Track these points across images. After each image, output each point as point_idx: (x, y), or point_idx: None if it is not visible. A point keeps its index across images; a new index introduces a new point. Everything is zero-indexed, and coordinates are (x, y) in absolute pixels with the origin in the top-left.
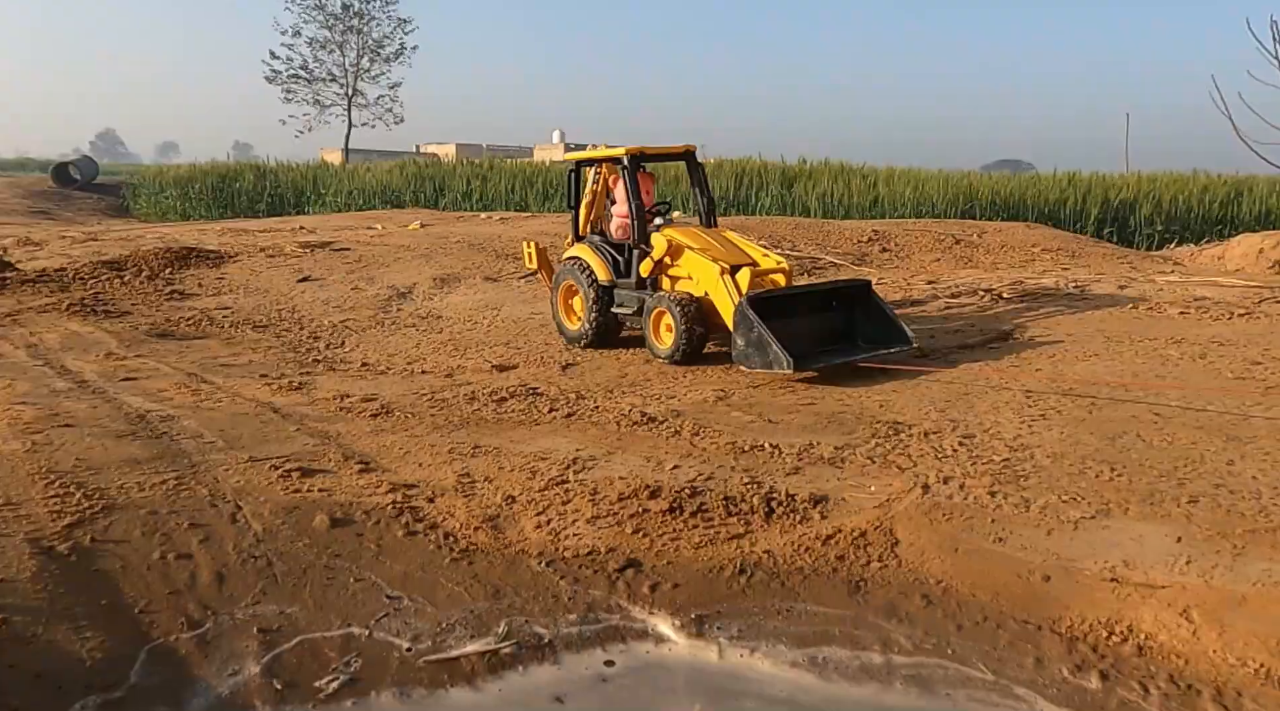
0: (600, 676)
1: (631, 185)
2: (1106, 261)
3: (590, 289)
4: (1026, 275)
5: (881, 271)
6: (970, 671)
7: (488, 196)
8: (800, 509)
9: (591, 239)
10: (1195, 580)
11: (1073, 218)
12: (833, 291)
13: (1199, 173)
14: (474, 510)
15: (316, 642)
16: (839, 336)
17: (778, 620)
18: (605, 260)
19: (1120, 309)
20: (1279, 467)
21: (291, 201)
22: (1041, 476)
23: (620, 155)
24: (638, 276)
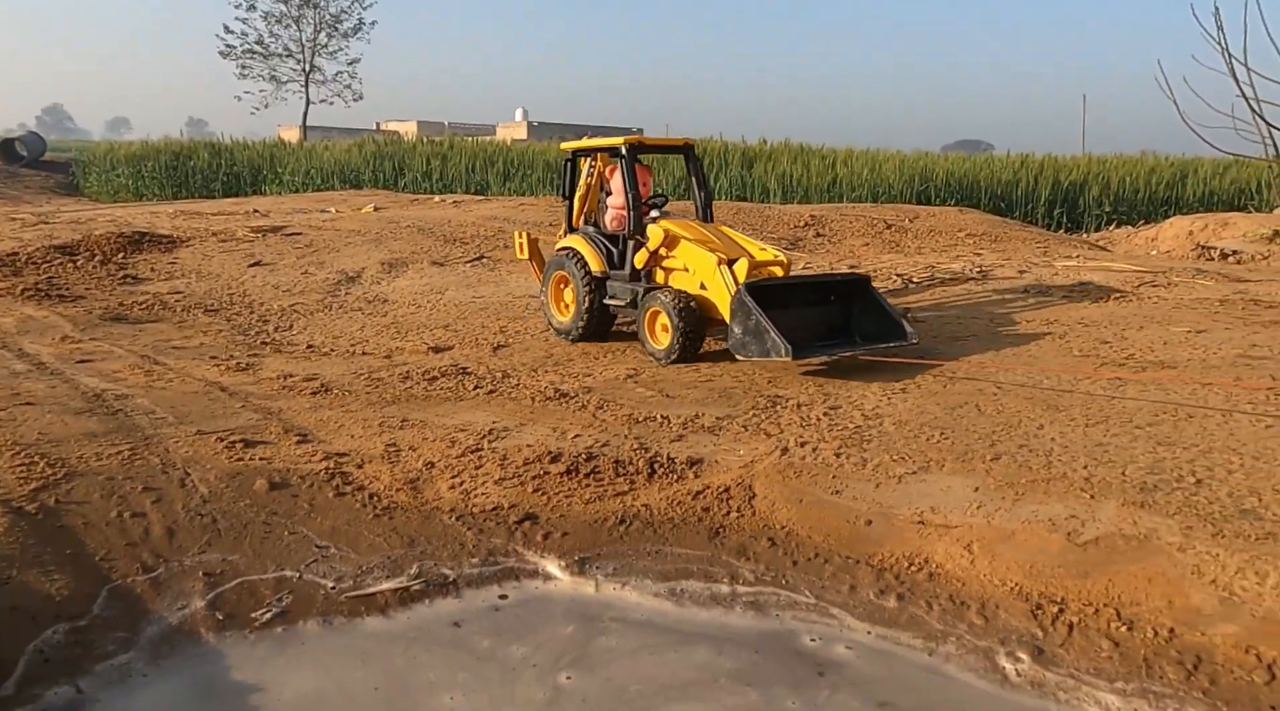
0: (494, 607)
1: (629, 176)
2: (1024, 245)
3: (583, 280)
4: (942, 260)
5: (812, 256)
6: (798, 597)
7: (448, 176)
8: (678, 469)
9: (585, 230)
10: (980, 521)
11: (1024, 199)
12: (830, 284)
13: (1146, 154)
14: (397, 474)
15: (254, 583)
16: (835, 330)
17: (647, 560)
18: (599, 251)
19: (1012, 293)
20: (1076, 430)
21: (248, 180)
22: (883, 440)
23: (619, 145)
24: (632, 268)
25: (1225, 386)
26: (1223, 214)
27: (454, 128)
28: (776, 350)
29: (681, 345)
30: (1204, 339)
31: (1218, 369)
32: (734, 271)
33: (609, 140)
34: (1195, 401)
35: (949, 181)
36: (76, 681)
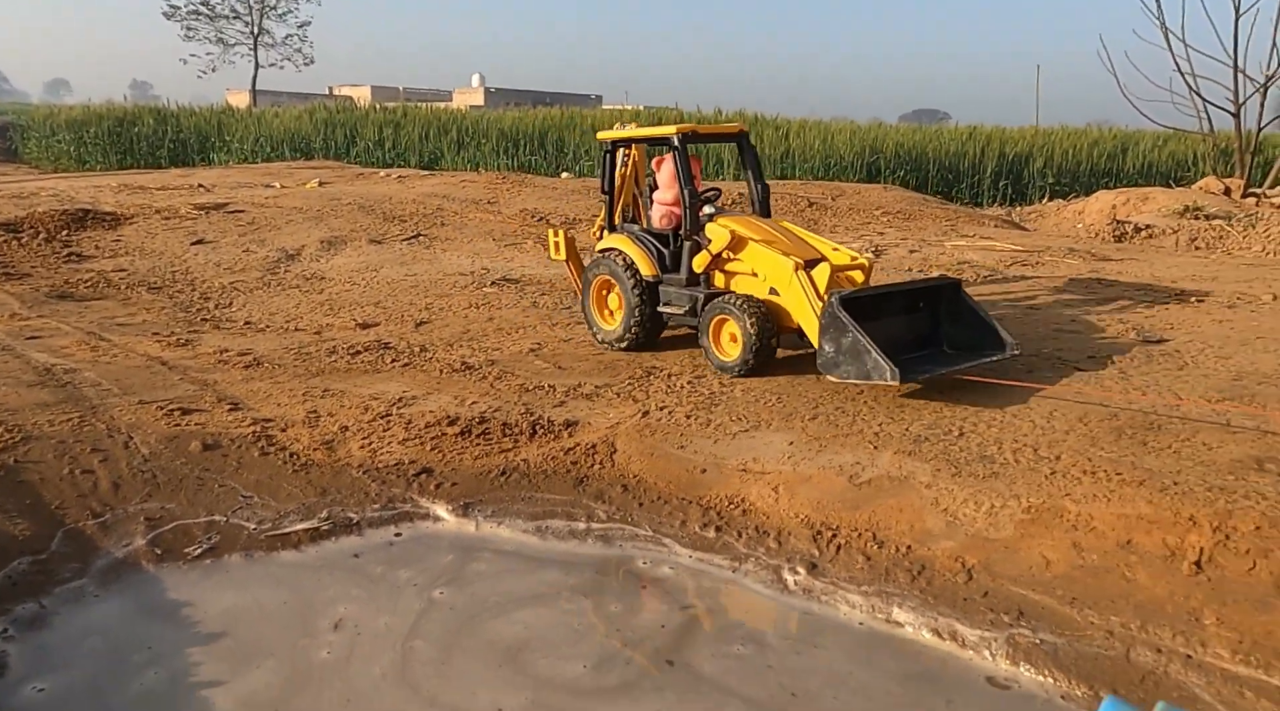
0: (389, 542)
1: (683, 169)
2: (932, 223)
3: (633, 286)
4: (845, 239)
5: None
6: (639, 531)
7: (400, 144)
8: (555, 430)
9: (630, 228)
10: (788, 468)
11: (971, 170)
12: (921, 290)
13: (1090, 127)
14: (315, 436)
15: (188, 526)
16: (923, 339)
17: (521, 504)
18: (649, 253)
19: (895, 272)
20: (886, 395)
21: (195, 148)
22: (728, 405)
23: (670, 135)
24: (689, 272)
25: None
26: (1144, 189)
27: (409, 93)
28: (880, 373)
29: (755, 356)
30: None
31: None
32: (814, 278)
33: (657, 129)
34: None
35: (899, 153)
36: (39, 599)
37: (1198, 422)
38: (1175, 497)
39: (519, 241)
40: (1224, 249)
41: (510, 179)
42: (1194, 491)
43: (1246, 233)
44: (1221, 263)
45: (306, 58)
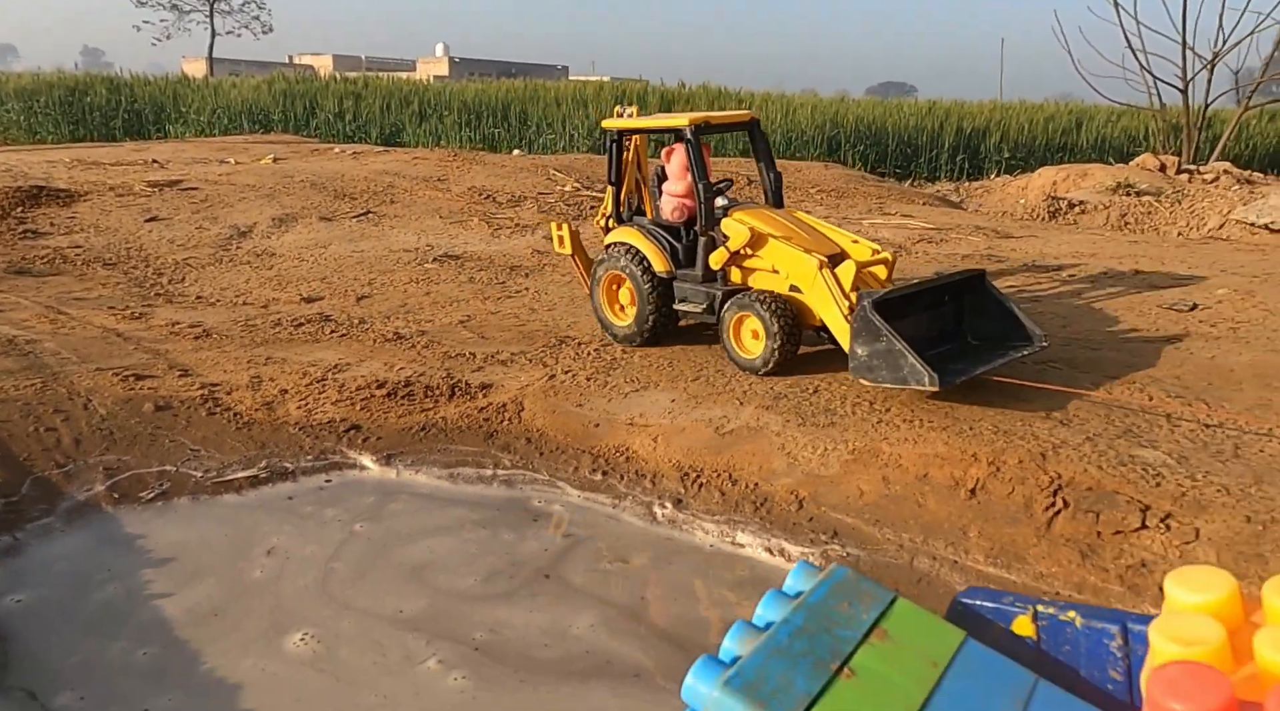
0: (319, 487)
1: (697, 162)
2: (862, 201)
3: (646, 282)
4: None
5: None
6: (538, 476)
7: (361, 116)
8: (472, 392)
9: (640, 221)
10: (667, 421)
11: (929, 145)
12: (946, 285)
13: (1047, 102)
14: (257, 398)
15: (142, 474)
16: (947, 333)
17: (437, 455)
18: (661, 248)
19: None
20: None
21: (150, 119)
22: (626, 369)
23: (683, 126)
24: (706, 268)
25: None
26: (1084, 165)
27: (371, 63)
28: (918, 378)
29: (780, 353)
30: None
31: None
32: (838, 277)
33: (667, 120)
34: None
35: (858, 128)
36: (13, 533)
37: (1008, 381)
38: (966, 439)
39: (465, 219)
40: (1152, 225)
41: (462, 156)
42: (983, 434)
43: (1173, 209)
44: (1115, 240)
45: (265, 25)
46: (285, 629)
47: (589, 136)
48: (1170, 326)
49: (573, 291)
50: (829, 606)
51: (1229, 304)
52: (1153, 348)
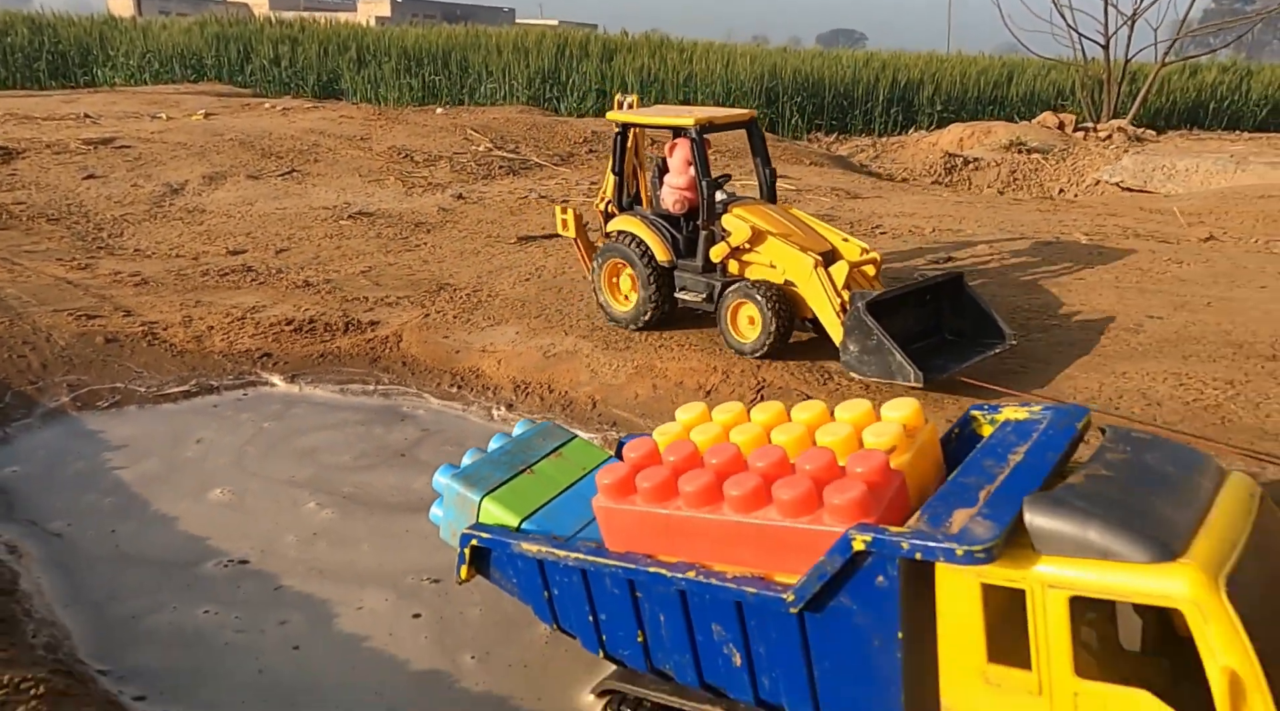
0: (238, 399)
1: (700, 159)
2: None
3: (649, 271)
4: None
5: (577, 171)
6: (409, 389)
7: (298, 63)
8: (362, 327)
9: (642, 212)
10: (509, 348)
11: (865, 97)
12: (929, 286)
13: (981, 55)
14: (188, 333)
15: (98, 390)
16: (927, 330)
17: (332, 374)
18: (663, 238)
19: None
20: (585, 300)
21: (76, 62)
22: (487, 309)
23: (688, 125)
24: (706, 261)
25: None
26: (988, 123)
27: (310, 3)
28: (904, 375)
29: (773, 339)
30: None
31: None
32: (831, 276)
33: (672, 118)
34: None
35: (796, 79)
36: (4, 429)
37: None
38: (714, 357)
39: (382, 178)
40: (1037, 182)
41: (386, 114)
42: (726, 354)
43: (1057, 166)
44: (944, 201)
45: None
46: (209, 487)
47: (529, 87)
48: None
49: (463, 246)
50: (530, 439)
51: (973, 262)
52: None
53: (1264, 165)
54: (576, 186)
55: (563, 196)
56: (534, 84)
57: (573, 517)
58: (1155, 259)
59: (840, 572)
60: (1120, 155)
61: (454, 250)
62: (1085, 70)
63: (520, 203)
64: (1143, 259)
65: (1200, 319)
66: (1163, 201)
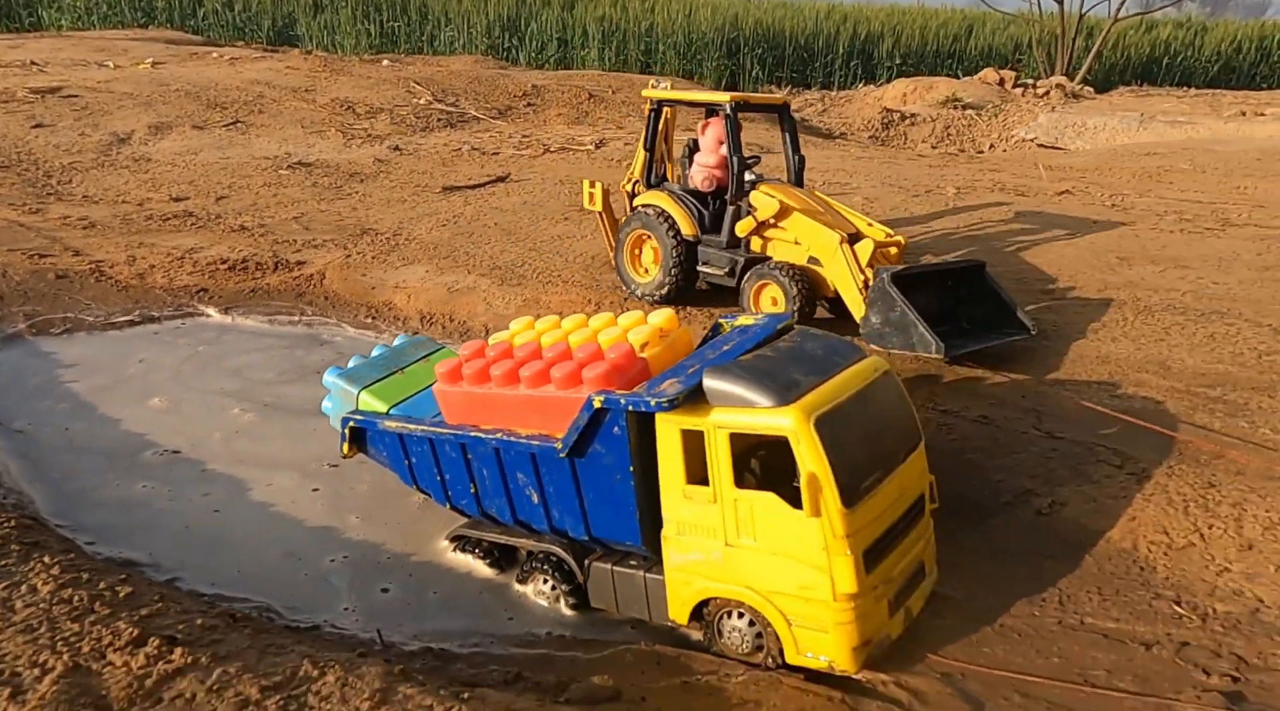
0: (176, 327)
1: (733, 137)
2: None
3: (673, 244)
4: (585, 133)
5: (515, 126)
6: (330, 320)
7: (252, 7)
8: (290, 266)
9: (670, 187)
10: (419, 284)
11: (825, 49)
12: (952, 271)
13: (943, 8)
14: (132, 271)
15: (51, 319)
16: (945, 315)
17: (261, 307)
18: (689, 213)
19: (607, 163)
20: (498, 244)
21: (21, 2)
22: (402, 251)
23: (723, 103)
24: (730, 236)
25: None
26: (931, 78)
27: None
28: (925, 346)
29: (795, 319)
30: None
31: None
32: (856, 253)
33: (709, 95)
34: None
35: (758, 31)
36: None
37: None
38: (590, 291)
39: (323, 129)
40: (970, 138)
41: (331, 66)
42: (602, 288)
43: (989, 123)
44: (850, 155)
45: None
46: (149, 396)
47: (488, 34)
48: None
49: (391, 195)
50: (404, 348)
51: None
52: None
53: (1165, 124)
54: (509, 139)
55: (494, 149)
56: (493, 32)
57: (430, 407)
58: (1000, 212)
59: (589, 425)
60: (1039, 114)
61: (382, 199)
62: (1041, 25)
63: (453, 155)
64: (990, 212)
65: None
66: (1062, 157)
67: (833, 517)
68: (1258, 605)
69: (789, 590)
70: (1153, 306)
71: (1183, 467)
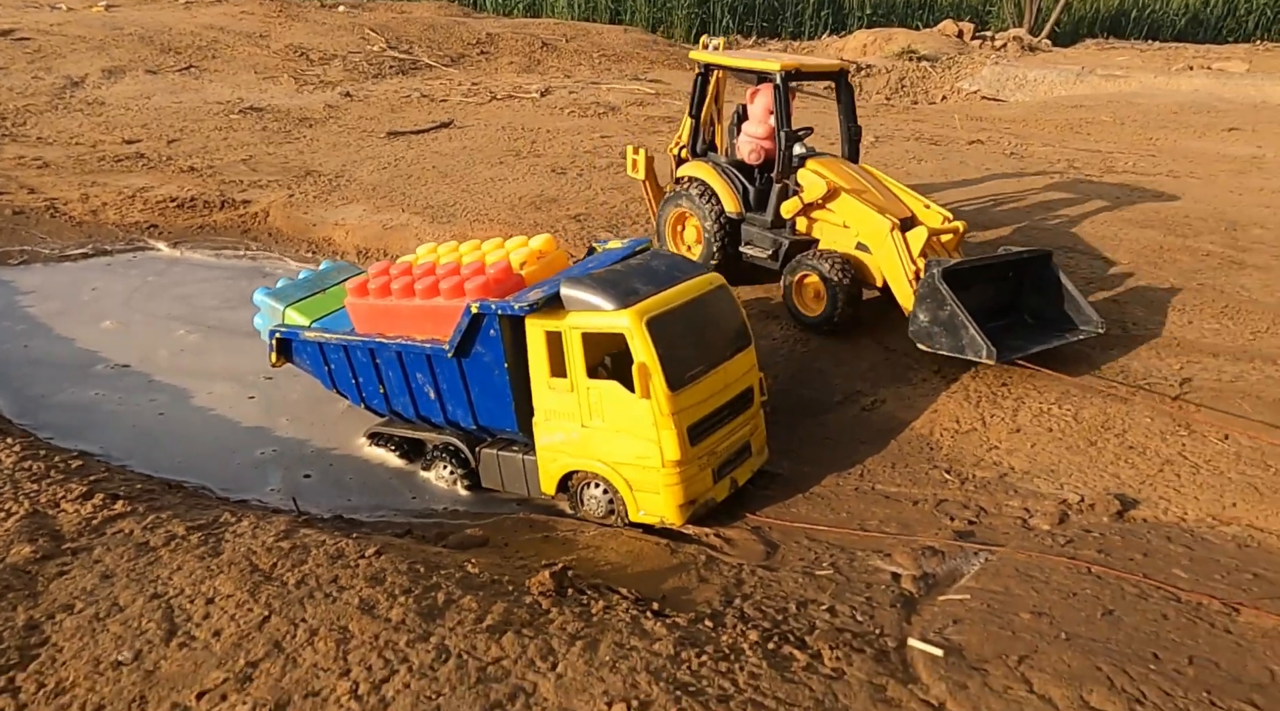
0: (128, 260)
1: (782, 109)
2: (635, 66)
3: (714, 221)
4: (531, 81)
5: (466, 73)
6: (272, 255)
7: None
8: (237, 205)
9: (715, 158)
10: (356, 222)
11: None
12: (1012, 261)
13: None
14: (85, 208)
15: (9, 251)
16: (1005, 309)
17: (209, 242)
18: (734, 188)
19: (551, 110)
20: (430, 184)
21: None
22: (343, 190)
23: (774, 71)
24: (776, 215)
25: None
26: (890, 29)
27: None
28: (976, 350)
29: (841, 314)
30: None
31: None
32: (909, 241)
33: (759, 62)
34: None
35: None
36: None
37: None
38: (512, 229)
39: (276, 75)
40: (923, 89)
41: (287, 11)
42: (524, 227)
43: (942, 75)
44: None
45: None
46: (101, 319)
47: None
48: None
49: (338, 140)
50: (328, 272)
51: None
52: None
53: (1100, 78)
54: (459, 87)
55: (443, 96)
56: None
57: (348, 322)
58: (898, 157)
59: (469, 329)
60: (984, 67)
61: (329, 143)
62: None
63: (403, 102)
64: (888, 157)
65: None
66: (997, 109)
67: (660, 399)
68: (1008, 471)
69: (630, 460)
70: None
71: (985, 371)
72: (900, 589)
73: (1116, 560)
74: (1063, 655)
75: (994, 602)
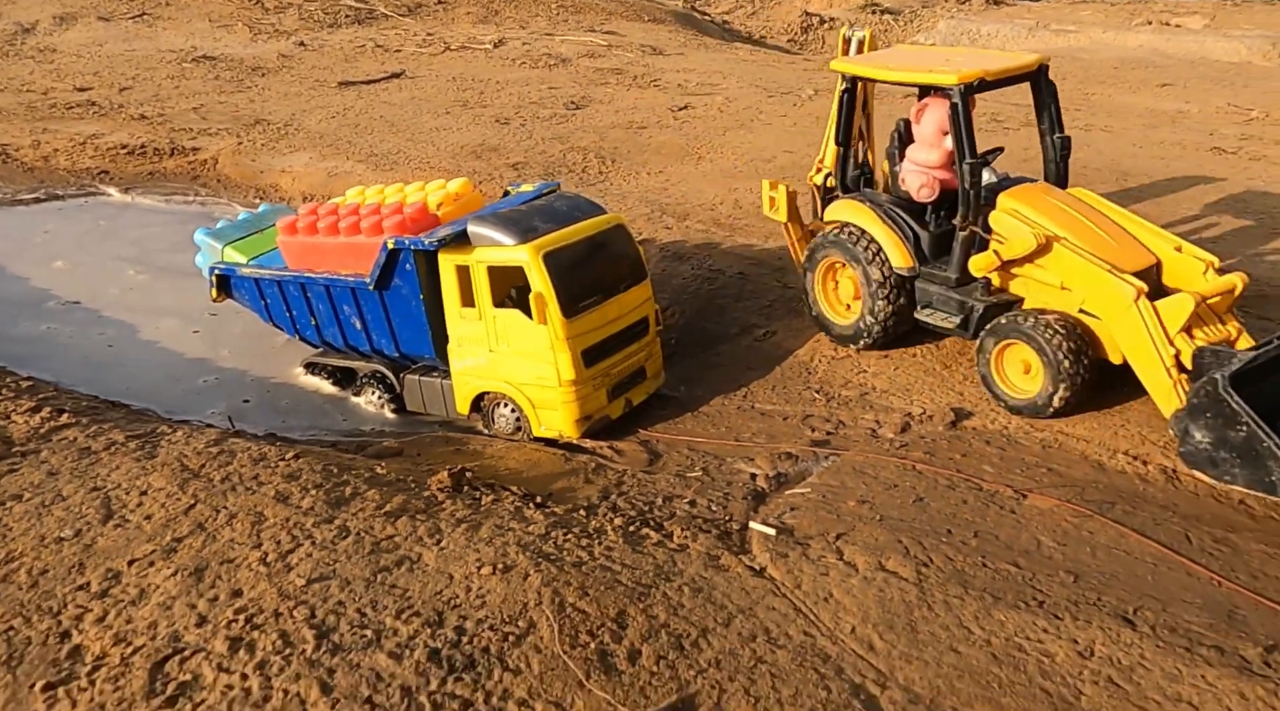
0: (80, 205)
1: (963, 130)
2: (592, 17)
3: (881, 280)
4: (486, 33)
5: (423, 23)
6: (221, 201)
7: None
8: (186, 152)
9: (874, 196)
10: (303, 168)
11: None
12: None
13: None
14: (37, 154)
15: None
16: None
17: (159, 188)
18: (902, 236)
19: (505, 62)
20: (380, 134)
21: None
22: (291, 139)
23: (951, 84)
24: (963, 272)
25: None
26: None
27: None
28: None
29: (1066, 396)
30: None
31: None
32: (1160, 316)
33: (924, 73)
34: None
35: None
36: None
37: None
38: (452, 176)
39: (231, 24)
40: (886, 42)
41: None
42: (463, 174)
43: (905, 28)
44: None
45: None
46: (54, 260)
47: None
48: (665, 119)
49: (289, 89)
50: (265, 214)
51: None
52: (630, 135)
53: (1051, 33)
54: (413, 37)
55: (397, 46)
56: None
57: (282, 260)
58: (780, 105)
59: (387, 263)
60: (940, 21)
61: (280, 92)
62: None
63: (357, 52)
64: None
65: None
66: None
67: (556, 325)
68: (869, 390)
69: (532, 381)
70: None
71: None
72: (755, 486)
73: (939, 459)
74: (874, 532)
75: (828, 494)
